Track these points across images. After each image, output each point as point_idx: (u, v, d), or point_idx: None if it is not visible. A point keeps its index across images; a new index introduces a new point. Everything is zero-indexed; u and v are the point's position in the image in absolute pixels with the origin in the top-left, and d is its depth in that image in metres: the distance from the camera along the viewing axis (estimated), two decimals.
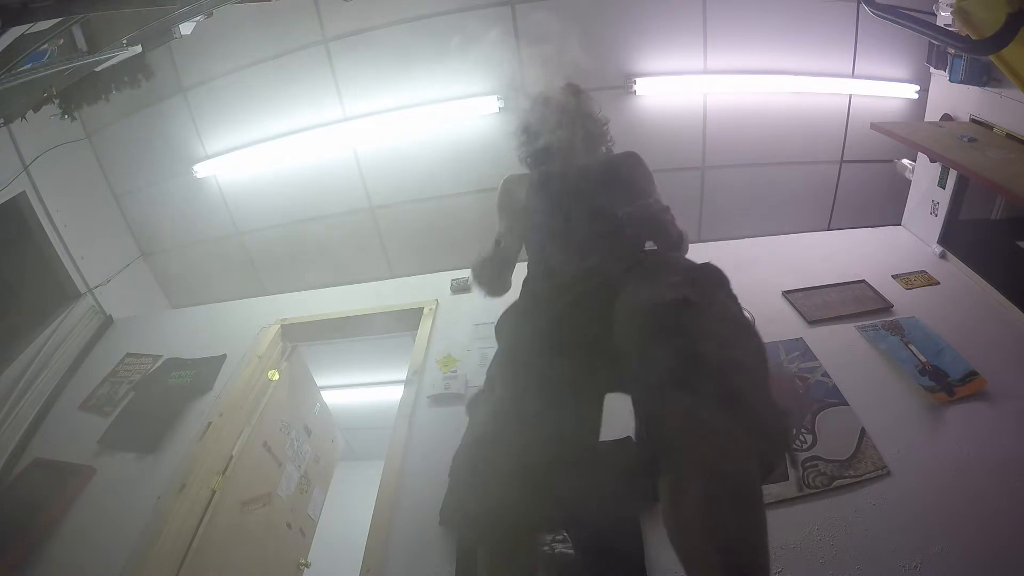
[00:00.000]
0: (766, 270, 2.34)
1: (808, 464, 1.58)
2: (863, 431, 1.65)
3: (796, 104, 3.03)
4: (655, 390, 0.92)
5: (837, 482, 1.52)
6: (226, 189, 3.37)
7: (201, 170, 3.26)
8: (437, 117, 3.05)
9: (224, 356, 2.44)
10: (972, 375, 1.76)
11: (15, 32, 1.12)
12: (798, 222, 3.06)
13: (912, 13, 1.96)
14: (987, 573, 1.30)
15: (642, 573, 1.36)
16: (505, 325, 1.34)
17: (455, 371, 2.12)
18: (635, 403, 1.01)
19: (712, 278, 1.15)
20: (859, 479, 1.53)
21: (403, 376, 2.18)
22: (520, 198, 1.51)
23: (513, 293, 1.48)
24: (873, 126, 2.35)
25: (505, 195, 1.56)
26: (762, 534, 0.79)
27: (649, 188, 1.46)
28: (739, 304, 1.11)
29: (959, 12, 1.79)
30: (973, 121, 2.23)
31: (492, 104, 2.99)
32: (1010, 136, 2.04)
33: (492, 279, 1.50)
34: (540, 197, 1.46)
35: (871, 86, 2.98)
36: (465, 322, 2.35)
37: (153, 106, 3.12)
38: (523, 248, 1.54)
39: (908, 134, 2.21)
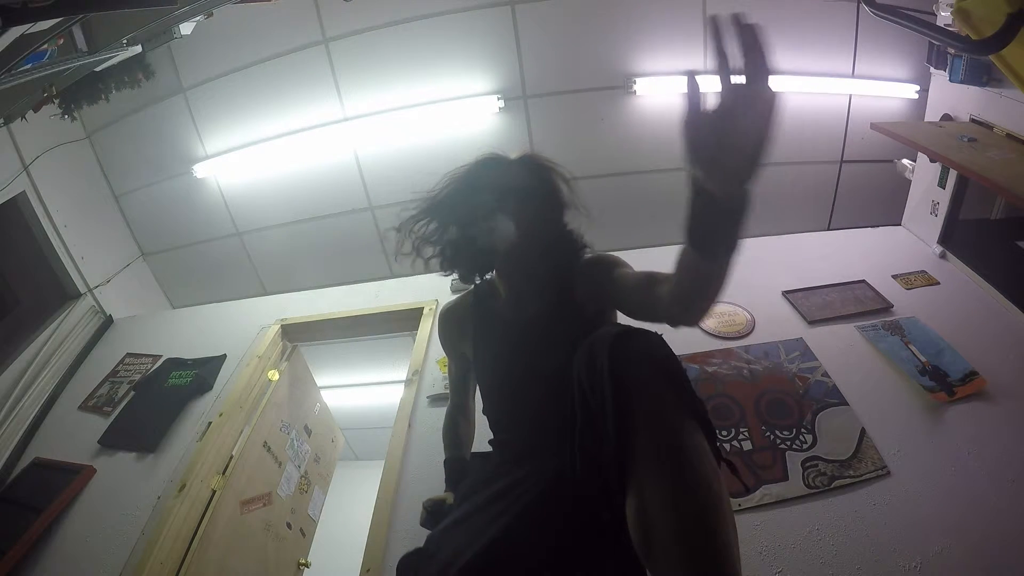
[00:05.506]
0: (766, 270, 2.33)
1: (808, 464, 1.58)
2: (863, 431, 1.65)
3: (796, 104, 3.03)
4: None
5: (837, 482, 1.53)
6: (226, 189, 3.37)
7: (201, 170, 3.26)
8: (437, 117, 3.06)
9: (224, 356, 2.44)
10: (972, 375, 1.77)
11: (15, 32, 1.13)
12: (798, 222, 3.05)
13: (912, 13, 1.95)
14: (987, 573, 1.30)
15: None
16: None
17: None
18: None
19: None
20: (859, 479, 1.53)
21: (403, 376, 2.18)
22: (462, 329, 1.26)
23: None
24: (873, 126, 2.35)
25: (444, 331, 1.32)
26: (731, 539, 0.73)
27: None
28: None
29: (959, 12, 1.78)
30: (973, 121, 2.23)
31: (492, 104, 3.00)
32: (1010, 136, 2.04)
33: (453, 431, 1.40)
34: (483, 338, 1.19)
35: (871, 86, 2.98)
36: None
37: (153, 106, 3.12)
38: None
39: (908, 134, 2.21)
